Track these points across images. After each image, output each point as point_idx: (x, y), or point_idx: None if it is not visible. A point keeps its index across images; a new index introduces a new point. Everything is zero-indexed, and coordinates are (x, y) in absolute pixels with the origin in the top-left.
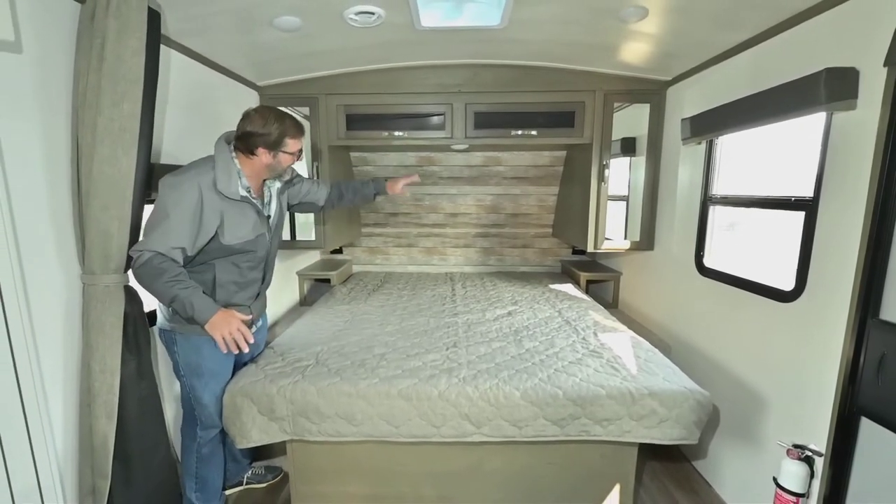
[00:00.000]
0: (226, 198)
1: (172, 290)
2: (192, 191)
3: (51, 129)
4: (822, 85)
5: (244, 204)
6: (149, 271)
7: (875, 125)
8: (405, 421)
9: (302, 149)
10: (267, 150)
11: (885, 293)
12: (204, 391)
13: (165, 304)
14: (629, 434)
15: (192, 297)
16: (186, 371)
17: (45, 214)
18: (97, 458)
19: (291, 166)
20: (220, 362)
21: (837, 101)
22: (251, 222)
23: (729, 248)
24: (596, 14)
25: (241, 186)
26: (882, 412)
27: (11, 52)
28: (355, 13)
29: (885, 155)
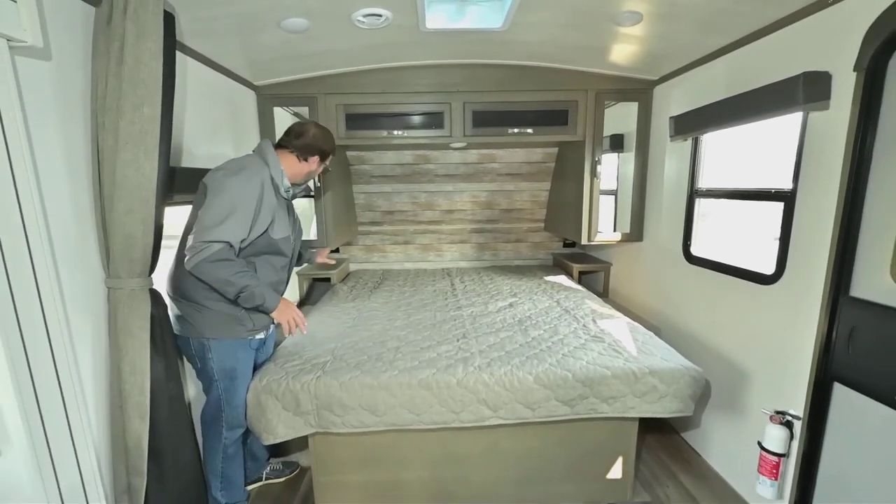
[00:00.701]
0: (279, 195)
1: (243, 281)
2: (256, 185)
3: (70, 134)
4: (800, 87)
5: (285, 203)
6: (218, 262)
7: (846, 124)
8: (426, 409)
9: None
10: (318, 160)
11: (855, 273)
12: (235, 393)
13: (231, 294)
14: (633, 410)
15: (261, 287)
16: (221, 375)
17: (70, 219)
18: (132, 457)
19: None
20: (248, 363)
21: (813, 102)
22: (287, 221)
23: (714, 236)
24: (594, 18)
25: (285, 188)
26: (852, 377)
27: (42, 60)
28: (363, 15)
29: (855, 151)
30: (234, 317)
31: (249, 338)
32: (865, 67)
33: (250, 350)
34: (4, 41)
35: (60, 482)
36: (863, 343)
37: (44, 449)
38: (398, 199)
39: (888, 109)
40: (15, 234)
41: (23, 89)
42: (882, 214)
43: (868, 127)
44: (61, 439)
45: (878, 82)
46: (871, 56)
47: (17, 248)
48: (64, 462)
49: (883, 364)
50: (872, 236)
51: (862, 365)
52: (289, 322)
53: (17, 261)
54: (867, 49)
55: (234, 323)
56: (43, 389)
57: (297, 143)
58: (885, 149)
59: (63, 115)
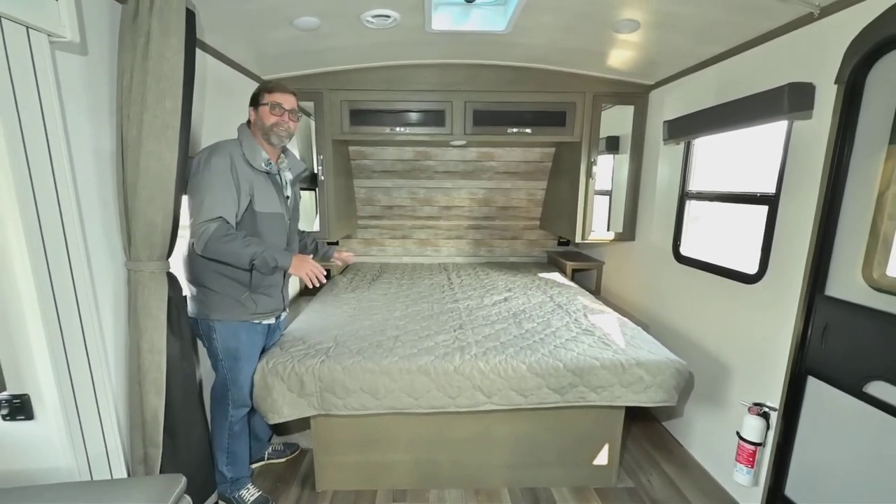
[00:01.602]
0: (254, 169)
1: (251, 249)
2: (225, 158)
3: (98, 124)
4: (785, 97)
5: (267, 177)
6: (221, 238)
7: (827, 133)
8: (425, 393)
9: (286, 106)
10: (253, 110)
11: (830, 274)
12: (240, 373)
13: (245, 264)
14: (620, 399)
15: (270, 250)
16: (225, 356)
17: (96, 205)
18: (148, 429)
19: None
20: (254, 346)
21: (797, 111)
22: (276, 197)
23: (707, 237)
24: (594, 24)
25: (262, 160)
26: (824, 371)
27: (78, 55)
28: (373, 16)
29: (833, 159)
30: (237, 300)
31: (255, 322)
32: (845, 81)
33: (256, 334)
34: (45, 36)
35: (88, 448)
36: (835, 339)
37: (74, 417)
38: (398, 194)
39: (865, 121)
40: (52, 218)
41: (61, 82)
42: (856, 219)
43: (846, 137)
44: (89, 409)
45: (856, 95)
46: (850, 70)
47: (54, 230)
48: (91, 429)
49: (852, 358)
50: (847, 239)
51: (833, 360)
52: (307, 274)
53: (54, 243)
54: (847, 63)
55: (237, 305)
56: (74, 362)
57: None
58: (861, 158)
59: (93, 106)
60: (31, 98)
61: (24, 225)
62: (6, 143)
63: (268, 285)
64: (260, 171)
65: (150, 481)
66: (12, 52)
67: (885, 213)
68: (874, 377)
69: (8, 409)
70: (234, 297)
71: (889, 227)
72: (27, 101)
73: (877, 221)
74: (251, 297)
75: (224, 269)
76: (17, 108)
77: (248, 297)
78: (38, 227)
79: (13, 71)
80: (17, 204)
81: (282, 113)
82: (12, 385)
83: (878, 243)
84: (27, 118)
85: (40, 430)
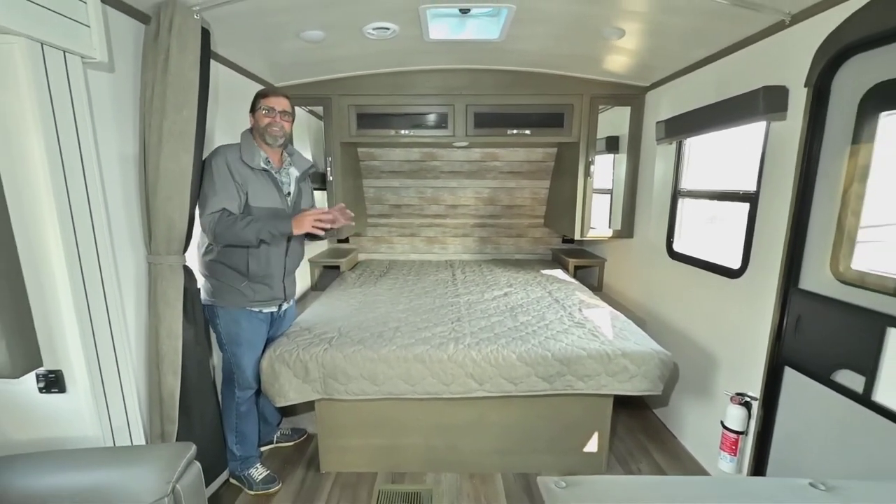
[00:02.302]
0: (250, 168)
1: (253, 228)
2: (219, 159)
3: (123, 132)
4: (760, 99)
5: (265, 176)
6: (226, 225)
7: (798, 134)
8: (420, 380)
9: (277, 108)
10: (251, 115)
11: (803, 268)
12: (242, 357)
13: (254, 243)
14: (605, 387)
15: (269, 225)
16: (227, 340)
17: (121, 204)
18: (165, 407)
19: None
20: (255, 332)
21: (772, 112)
22: (274, 193)
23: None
24: (581, 32)
25: (261, 160)
26: (798, 361)
27: (106, 72)
28: (373, 28)
29: (804, 159)
30: (237, 288)
31: (254, 310)
32: (813, 84)
33: (256, 321)
34: (79, 59)
35: (112, 419)
36: (807, 330)
37: (100, 391)
38: (405, 193)
39: (832, 123)
40: (83, 216)
41: (91, 97)
42: (824, 216)
43: (815, 137)
44: (113, 385)
45: (823, 98)
46: (818, 74)
47: (85, 227)
48: (115, 403)
49: (822, 348)
50: (817, 235)
51: (806, 350)
52: (312, 226)
53: (84, 238)
54: (815, 68)
55: (237, 294)
56: (101, 343)
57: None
58: (829, 158)
59: (118, 117)
60: (67, 112)
61: (60, 223)
62: (46, 151)
63: (267, 276)
64: (258, 169)
65: (165, 448)
66: (51, 73)
67: (848, 210)
68: (841, 366)
69: (44, 383)
70: (233, 286)
71: (852, 223)
72: (63, 114)
73: (842, 217)
74: (250, 286)
75: (224, 260)
76: (55, 120)
77: (247, 286)
78: (72, 225)
79: (52, 89)
80: (55, 204)
81: (273, 115)
82: (48, 361)
83: (844, 238)
84: (63, 129)
85: (71, 403)
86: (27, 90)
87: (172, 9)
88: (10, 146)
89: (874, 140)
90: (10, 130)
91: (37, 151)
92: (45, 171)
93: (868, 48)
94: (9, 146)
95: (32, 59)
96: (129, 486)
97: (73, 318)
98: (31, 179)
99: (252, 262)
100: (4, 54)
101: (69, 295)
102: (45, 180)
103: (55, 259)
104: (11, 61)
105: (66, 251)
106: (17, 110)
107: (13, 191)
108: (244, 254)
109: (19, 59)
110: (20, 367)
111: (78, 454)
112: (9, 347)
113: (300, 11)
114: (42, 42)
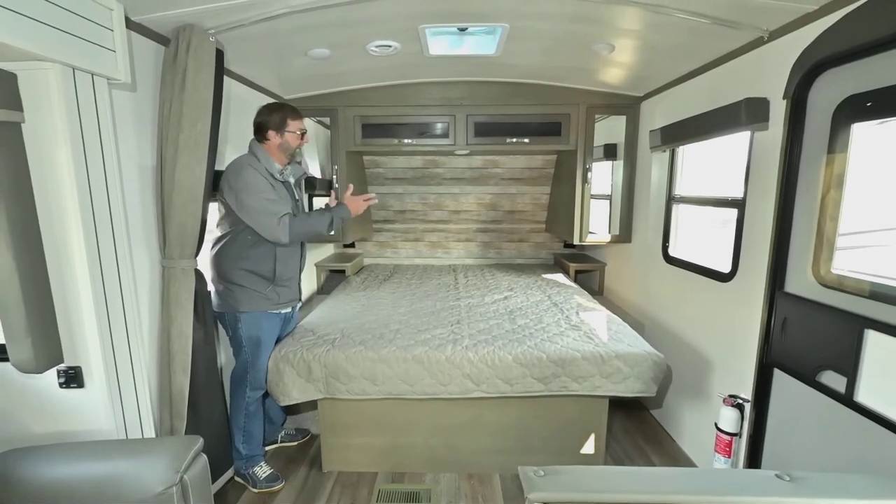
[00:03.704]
0: (273, 178)
1: (325, 217)
2: (255, 173)
3: (142, 146)
4: (742, 110)
5: (282, 184)
6: (300, 223)
7: (779, 143)
8: (418, 380)
9: (305, 130)
10: (275, 132)
11: (788, 272)
12: (258, 358)
13: (325, 232)
14: (599, 389)
15: (330, 212)
16: (248, 343)
17: (139, 212)
18: (175, 404)
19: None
20: (273, 333)
21: (754, 123)
22: (289, 200)
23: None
24: (573, 47)
25: (277, 171)
26: (784, 362)
27: (129, 91)
28: (376, 46)
29: (784, 167)
30: (262, 293)
31: (275, 312)
32: (791, 96)
33: (275, 322)
34: (105, 80)
35: (125, 413)
36: (792, 332)
37: (115, 387)
38: (409, 199)
39: (809, 133)
40: (104, 223)
41: (115, 114)
42: (805, 221)
43: (794, 147)
44: (127, 381)
45: (801, 109)
46: (795, 87)
47: (105, 233)
48: (128, 398)
49: (807, 350)
50: (799, 240)
51: (792, 352)
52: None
53: (105, 244)
54: (792, 81)
55: (262, 299)
56: (118, 342)
57: (258, 134)
58: (808, 166)
59: (139, 132)
60: (93, 128)
61: (84, 230)
62: (73, 164)
63: (287, 278)
64: (277, 179)
65: (174, 440)
66: (81, 94)
67: (827, 216)
68: (825, 367)
69: (65, 378)
70: (259, 291)
71: (830, 228)
72: (90, 131)
73: (821, 223)
74: (274, 290)
75: (251, 266)
76: (83, 136)
77: (272, 290)
78: (94, 232)
79: (81, 108)
80: (80, 213)
81: (303, 136)
82: (69, 358)
83: (823, 243)
84: (89, 144)
85: (88, 397)
86: (59, 110)
87: (190, 32)
88: (41, 160)
89: (847, 149)
90: (42, 145)
91: (65, 165)
92: (73, 183)
93: (840, 63)
94: (40, 160)
95: (65, 82)
96: (141, 475)
97: (92, 317)
98: (59, 190)
99: (279, 266)
100: (41, 79)
101: (90, 296)
102: (71, 191)
103: (78, 262)
104: (46, 84)
105: (89, 255)
106: (49, 127)
107: (42, 201)
108: (271, 260)
109: (53, 83)
110: (43, 363)
111: (93, 445)
112: (34, 344)
113: (308, 33)
114: (74, 67)
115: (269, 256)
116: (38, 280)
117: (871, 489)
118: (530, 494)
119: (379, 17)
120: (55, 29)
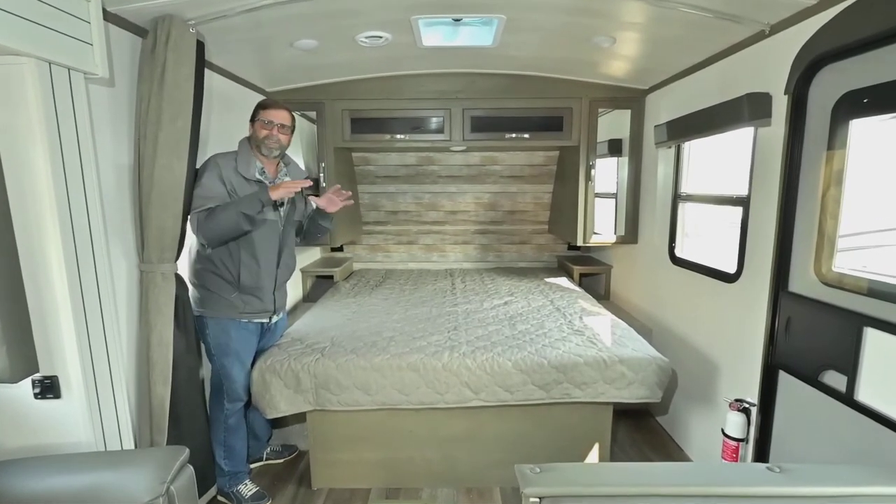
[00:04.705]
0: (244, 178)
1: (232, 206)
2: (213, 169)
3: (119, 143)
4: (744, 106)
5: (259, 186)
6: (204, 217)
7: (782, 139)
8: (414, 389)
9: (276, 121)
10: (250, 125)
11: (791, 271)
12: (232, 368)
13: (242, 223)
14: (603, 395)
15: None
16: (217, 351)
17: (116, 213)
18: (155, 416)
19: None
20: (245, 343)
21: (757, 119)
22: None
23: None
24: (573, 40)
25: (256, 171)
26: (788, 363)
27: (107, 87)
28: (366, 37)
29: (787, 164)
30: (227, 299)
31: (244, 321)
32: (792, 92)
33: (246, 332)
34: (82, 75)
35: (104, 424)
36: (795, 332)
37: (94, 397)
38: (402, 199)
39: (810, 129)
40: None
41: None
42: (807, 219)
43: (796, 143)
44: (106, 391)
45: (802, 105)
46: (795, 82)
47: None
48: (107, 409)
49: (810, 350)
50: (802, 238)
51: (796, 352)
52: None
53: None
54: (793, 76)
55: (227, 304)
56: (96, 350)
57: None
58: (809, 163)
59: (115, 129)
60: (69, 125)
61: (62, 232)
62: (50, 163)
63: (257, 288)
64: (252, 180)
65: (159, 451)
66: (57, 90)
67: (827, 214)
68: (827, 366)
69: (40, 388)
70: (224, 296)
71: (831, 226)
72: (66, 128)
73: (822, 221)
74: (240, 297)
75: (215, 269)
76: (59, 133)
77: (237, 297)
78: (72, 234)
79: (57, 104)
80: (56, 214)
81: (272, 127)
82: (44, 367)
83: (825, 241)
84: (66, 142)
85: (65, 408)
86: (34, 106)
87: (169, 23)
88: (16, 158)
89: (846, 146)
90: (17, 143)
91: (41, 163)
92: (49, 182)
93: (839, 58)
94: (15, 158)
95: (41, 77)
96: (125, 487)
97: (70, 324)
98: (34, 190)
99: (244, 273)
100: (16, 74)
101: (67, 302)
102: (48, 191)
103: (54, 266)
104: (21, 80)
105: (66, 259)
106: (24, 125)
107: (17, 201)
108: (236, 264)
109: (28, 78)
110: (18, 373)
111: (73, 458)
112: (8, 353)
113: (293, 23)
114: (50, 62)
115: (230, 259)
116: (12, 285)
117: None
118: (526, 489)
119: (369, 7)
120: (30, 22)
